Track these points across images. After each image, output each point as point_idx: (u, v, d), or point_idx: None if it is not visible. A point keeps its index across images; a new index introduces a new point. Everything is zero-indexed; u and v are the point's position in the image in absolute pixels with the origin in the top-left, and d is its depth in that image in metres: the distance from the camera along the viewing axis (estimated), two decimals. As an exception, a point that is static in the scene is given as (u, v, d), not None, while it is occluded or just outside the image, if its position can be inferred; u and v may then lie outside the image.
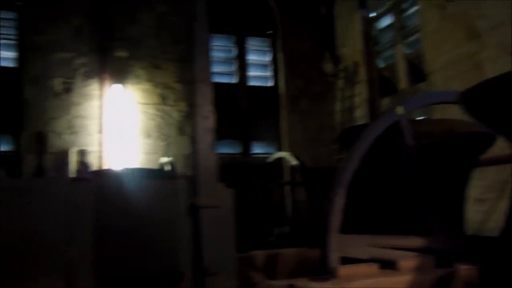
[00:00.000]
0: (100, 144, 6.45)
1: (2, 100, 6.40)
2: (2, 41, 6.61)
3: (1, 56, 6.56)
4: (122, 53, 6.84)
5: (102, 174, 2.42)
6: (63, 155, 6.27)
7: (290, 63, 7.79)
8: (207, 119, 1.96)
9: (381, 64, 7.26)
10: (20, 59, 6.54)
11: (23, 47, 6.54)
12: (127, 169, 4.63)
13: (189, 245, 1.92)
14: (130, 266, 1.91)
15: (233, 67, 7.74)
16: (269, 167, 6.47)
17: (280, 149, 7.52)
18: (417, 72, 6.17)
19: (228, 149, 7.42)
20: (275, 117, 7.81)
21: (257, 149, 7.71)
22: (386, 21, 7.12)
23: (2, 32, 6.64)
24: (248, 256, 2.69)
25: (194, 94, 2.01)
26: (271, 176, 6.67)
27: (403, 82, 6.52)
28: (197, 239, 1.86)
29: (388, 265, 2.07)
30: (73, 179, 2.03)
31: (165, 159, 5.38)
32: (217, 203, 1.91)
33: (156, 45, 7.02)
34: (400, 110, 2.32)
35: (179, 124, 6.90)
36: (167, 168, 5.01)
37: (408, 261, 2.07)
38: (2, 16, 6.69)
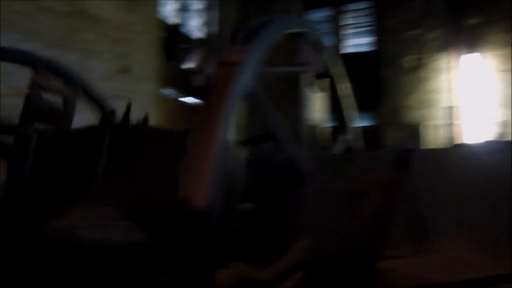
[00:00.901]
0: (452, 118, 6.44)
1: (364, 80, 7.29)
2: (360, 29, 7.54)
3: (360, 42, 7.52)
4: (474, 20, 6.53)
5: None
6: (416, 128, 6.62)
7: None
8: None
9: None
10: (376, 43, 7.27)
11: (379, 32, 7.22)
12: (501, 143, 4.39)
13: None
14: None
15: None
16: None
17: None
18: None
19: None
20: None
21: None
22: None
23: (360, 21, 7.58)
24: None
25: None
26: None
27: None
28: None
29: None
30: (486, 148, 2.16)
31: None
32: None
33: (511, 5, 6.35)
34: None
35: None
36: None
37: None
38: (359, 7, 7.61)
